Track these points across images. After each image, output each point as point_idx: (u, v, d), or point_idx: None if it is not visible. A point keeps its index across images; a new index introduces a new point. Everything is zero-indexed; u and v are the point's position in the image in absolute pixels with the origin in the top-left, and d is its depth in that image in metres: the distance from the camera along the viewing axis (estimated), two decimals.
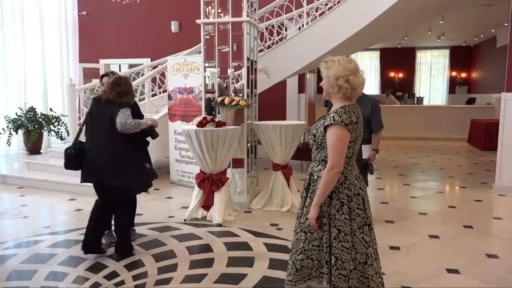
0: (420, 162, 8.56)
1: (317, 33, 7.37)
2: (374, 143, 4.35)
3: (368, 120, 4.27)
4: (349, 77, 2.17)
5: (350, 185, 2.22)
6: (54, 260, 3.61)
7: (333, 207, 2.20)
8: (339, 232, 2.18)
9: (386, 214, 4.91)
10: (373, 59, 17.58)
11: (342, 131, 2.14)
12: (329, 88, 2.23)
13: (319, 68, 2.40)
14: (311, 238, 2.24)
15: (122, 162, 3.50)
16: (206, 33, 5.38)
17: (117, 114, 3.46)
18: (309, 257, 2.25)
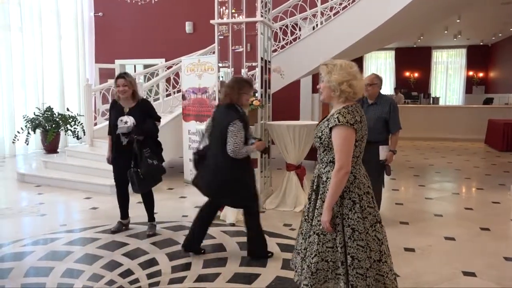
0: (436, 163, 8.44)
1: (331, 33, 7.33)
2: (392, 144, 4.31)
3: (385, 120, 4.24)
4: (352, 82, 2.20)
5: (360, 184, 2.24)
6: (70, 258, 3.67)
7: (345, 206, 2.21)
8: (353, 231, 2.19)
9: (401, 216, 4.85)
10: (388, 58, 17.41)
11: (347, 132, 2.16)
12: (331, 93, 2.25)
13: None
14: (325, 240, 2.24)
15: (230, 180, 3.36)
16: (220, 34, 5.40)
17: (228, 131, 3.23)
18: (324, 259, 2.24)
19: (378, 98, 4.29)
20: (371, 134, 4.20)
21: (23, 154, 9.32)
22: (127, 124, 3.98)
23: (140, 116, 4.02)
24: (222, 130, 3.27)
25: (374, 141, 4.23)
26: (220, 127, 3.30)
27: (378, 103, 4.27)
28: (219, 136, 3.29)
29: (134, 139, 3.96)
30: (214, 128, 3.42)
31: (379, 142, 4.24)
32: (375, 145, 4.24)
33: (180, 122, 6.66)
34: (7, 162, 8.46)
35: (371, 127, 4.20)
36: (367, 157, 4.22)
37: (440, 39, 15.36)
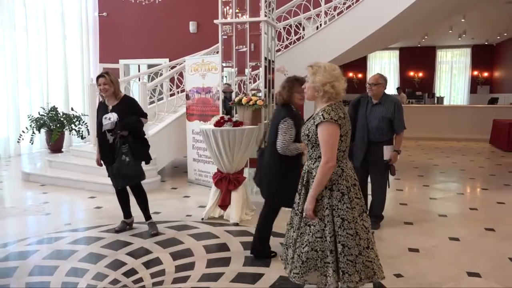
0: (440, 163, 8.41)
1: (335, 32, 7.32)
2: (396, 144, 4.28)
3: (390, 120, 4.22)
4: (334, 83, 2.36)
5: (347, 176, 2.38)
6: (74, 257, 3.68)
7: (335, 198, 2.35)
8: (343, 220, 2.33)
9: (405, 216, 4.84)
10: (393, 58, 17.37)
11: (332, 127, 2.31)
12: (314, 93, 2.41)
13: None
14: (314, 231, 2.37)
15: (276, 178, 3.37)
16: (224, 33, 5.40)
17: (279, 128, 3.28)
18: (313, 248, 2.37)
19: (382, 98, 4.27)
20: (375, 134, 4.23)
21: (28, 154, 9.37)
22: (110, 120, 4.01)
23: (123, 113, 4.03)
24: (275, 128, 3.36)
25: (379, 141, 4.22)
26: (274, 125, 3.39)
27: (383, 103, 4.25)
28: (273, 134, 3.37)
29: (118, 134, 3.98)
30: (270, 126, 3.51)
31: (383, 142, 4.22)
32: (379, 145, 4.22)
33: (184, 121, 6.67)
34: (12, 162, 8.51)
35: (375, 127, 4.21)
36: (372, 157, 4.26)
37: (444, 39, 15.30)
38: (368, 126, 4.23)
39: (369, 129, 4.23)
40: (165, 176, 6.95)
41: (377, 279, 2.42)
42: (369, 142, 4.24)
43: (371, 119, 4.21)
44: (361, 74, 17.38)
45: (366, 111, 4.27)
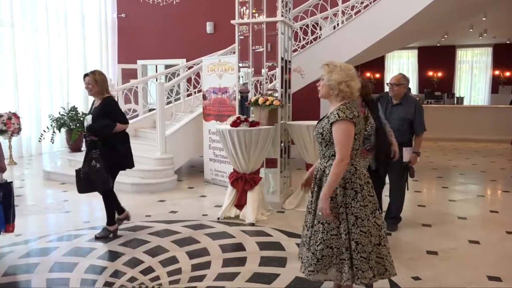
0: (460, 165, 8.25)
1: (353, 32, 7.26)
2: (416, 146, 4.22)
3: (410, 121, 4.16)
4: (349, 83, 2.38)
5: (361, 174, 2.41)
6: (93, 254, 3.75)
7: (348, 196, 2.38)
8: (356, 218, 2.37)
9: (423, 218, 4.77)
10: (411, 58, 17.10)
11: (347, 126, 2.32)
12: (329, 91, 2.42)
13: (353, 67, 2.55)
14: (329, 228, 2.39)
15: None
16: (241, 34, 5.42)
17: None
18: (328, 246, 2.40)
19: (403, 98, 4.22)
20: (395, 135, 4.16)
21: (49, 153, 9.58)
22: (85, 122, 3.99)
23: (98, 115, 3.94)
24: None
25: (398, 143, 4.15)
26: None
27: (403, 103, 4.19)
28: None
29: (88, 138, 3.95)
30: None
31: (402, 144, 4.14)
32: (399, 146, 4.16)
33: (201, 121, 6.71)
34: (33, 160, 8.70)
35: (395, 128, 4.14)
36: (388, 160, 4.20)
37: (465, 38, 15.00)
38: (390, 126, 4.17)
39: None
40: (181, 176, 7.01)
41: (389, 275, 2.44)
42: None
43: (392, 119, 4.15)
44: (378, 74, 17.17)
45: (386, 111, 4.21)
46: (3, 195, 3.45)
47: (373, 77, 17.11)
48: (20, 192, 5.93)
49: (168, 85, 7.10)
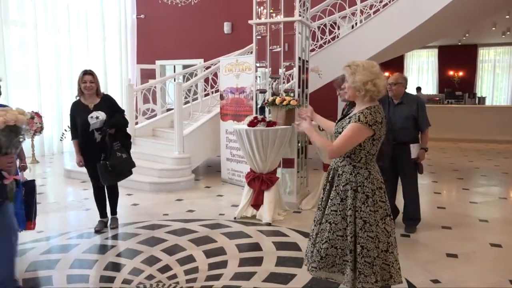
0: (481, 166, 8.07)
1: (371, 31, 7.18)
2: (423, 142, 4.25)
3: (415, 119, 4.20)
4: (375, 81, 2.32)
5: (374, 179, 2.38)
6: (112, 252, 3.81)
7: (359, 200, 2.35)
8: (365, 223, 2.34)
9: (443, 220, 4.68)
10: (431, 57, 16.82)
11: (362, 130, 2.30)
12: (355, 92, 2.37)
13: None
14: (336, 229, 2.39)
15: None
16: (258, 34, 5.41)
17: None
18: (333, 246, 2.40)
19: (404, 97, 4.26)
20: (401, 134, 4.16)
21: (70, 151, 9.75)
22: (99, 119, 4.03)
23: (107, 111, 4.10)
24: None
25: (405, 141, 4.17)
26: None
27: (405, 102, 4.23)
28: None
29: (107, 133, 4.03)
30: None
31: (409, 142, 4.20)
32: (406, 144, 4.17)
33: (218, 121, 6.75)
34: (55, 159, 8.90)
35: (400, 127, 4.15)
36: (399, 157, 4.18)
37: (487, 36, 14.66)
38: (393, 127, 4.18)
39: (394, 129, 4.18)
40: (199, 175, 7.06)
41: (394, 282, 2.39)
42: (395, 143, 4.19)
43: (396, 119, 4.19)
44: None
45: (389, 112, 4.23)
46: (25, 193, 3.52)
47: None
48: (42, 190, 6.07)
49: (186, 85, 7.16)
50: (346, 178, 2.39)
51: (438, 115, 11.76)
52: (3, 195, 2.48)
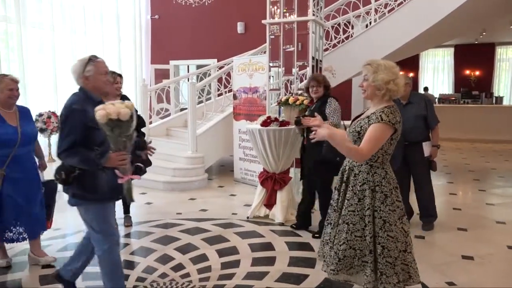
0: (499, 167, 7.92)
1: (386, 31, 7.11)
2: (434, 139, 4.26)
3: (424, 117, 4.20)
4: (397, 80, 2.33)
5: (390, 179, 2.38)
6: (126, 250, 3.85)
7: (378, 199, 2.34)
8: (384, 222, 2.32)
9: (459, 221, 4.61)
10: (447, 56, 16.56)
11: (386, 130, 2.29)
12: (375, 91, 2.35)
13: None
14: (354, 229, 2.36)
15: None
16: (272, 33, 5.42)
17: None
18: (351, 247, 2.37)
19: (411, 97, 4.26)
20: (413, 134, 4.15)
21: None
22: None
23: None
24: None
25: (417, 140, 4.17)
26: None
27: (413, 101, 4.24)
28: None
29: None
30: None
31: (421, 140, 4.22)
32: (418, 144, 4.17)
33: (231, 121, 6.76)
34: None
35: (411, 126, 4.12)
36: (412, 157, 4.15)
37: (505, 35, 14.37)
38: (403, 127, 4.14)
39: (405, 130, 4.14)
40: (212, 175, 7.09)
41: (413, 282, 2.38)
42: (406, 143, 4.18)
43: (405, 119, 4.12)
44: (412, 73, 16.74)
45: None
46: (44, 194, 3.56)
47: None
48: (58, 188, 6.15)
49: (200, 85, 7.19)
50: (363, 178, 2.36)
51: (454, 115, 11.59)
52: (119, 195, 2.54)
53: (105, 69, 2.66)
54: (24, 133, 3.26)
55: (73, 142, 2.38)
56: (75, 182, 2.44)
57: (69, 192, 2.51)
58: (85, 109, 2.43)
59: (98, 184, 2.45)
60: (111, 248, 2.59)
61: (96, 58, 2.62)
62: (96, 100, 2.56)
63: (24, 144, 3.27)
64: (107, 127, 2.25)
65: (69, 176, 2.42)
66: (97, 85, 2.60)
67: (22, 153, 3.27)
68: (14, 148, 3.19)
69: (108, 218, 2.62)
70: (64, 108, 2.50)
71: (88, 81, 2.59)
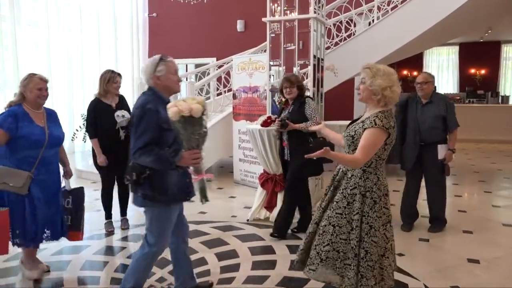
0: (505, 168, 7.91)
1: (389, 28, 7.11)
2: (450, 143, 4.21)
3: (443, 118, 4.16)
4: (394, 88, 2.38)
5: (381, 185, 2.43)
6: (123, 253, 3.85)
7: (367, 205, 2.39)
8: (370, 228, 2.40)
9: (464, 224, 4.61)
10: (451, 54, 16.56)
11: (380, 135, 2.33)
12: (371, 96, 2.40)
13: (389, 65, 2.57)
14: (339, 232, 2.43)
15: None
16: (272, 31, 5.41)
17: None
18: (335, 249, 2.44)
19: (432, 96, 4.24)
20: (429, 134, 4.13)
21: (81, 151, 9.90)
22: (124, 118, 4.22)
23: (127, 109, 4.35)
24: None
25: (433, 142, 4.14)
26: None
27: (434, 101, 4.22)
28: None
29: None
30: None
31: (437, 142, 4.18)
32: (433, 145, 4.13)
33: (231, 121, 6.76)
34: None
35: (429, 127, 4.13)
36: (426, 158, 4.14)
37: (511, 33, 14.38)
38: (421, 127, 4.20)
39: (422, 130, 4.19)
40: None
41: (384, 285, 2.46)
42: (422, 144, 4.18)
43: (424, 119, 4.19)
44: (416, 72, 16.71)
45: (417, 112, 4.24)
46: (72, 202, 3.49)
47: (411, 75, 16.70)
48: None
49: (198, 84, 7.19)
50: (355, 182, 2.41)
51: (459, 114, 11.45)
52: (188, 196, 2.61)
53: (175, 68, 2.69)
54: (51, 135, 3.21)
55: (148, 141, 2.40)
56: (146, 183, 2.46)
57: (139, 192, 2.53)
58: (158, 109, 2.46)
59: (168, 185, 2.50)
60: (155, 254, 2.66)
61: (166, 58, 2.63)
62: (166, 101, 2.59)
63: (51, 146, 3.22)
64: (180, 125, 2.29)
65: (140, 177, 2.45)
66: (168, 85, 2.61)
67: (48, 155, 3.21)
68: (42, 149, 3.14)
69: (169, 224, 2.65)
70: (137, 108, 2.51)
71: (160, 81, 2.58)
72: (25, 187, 3.08)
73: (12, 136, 3.04)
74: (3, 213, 3.00)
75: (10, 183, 3.02)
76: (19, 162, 3.09)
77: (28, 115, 3.16)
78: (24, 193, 3.08)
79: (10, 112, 3.11)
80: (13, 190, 3.05)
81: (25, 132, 3.07)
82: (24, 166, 3.10)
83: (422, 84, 4.19)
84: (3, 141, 3.03)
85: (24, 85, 3.19)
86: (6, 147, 3.07)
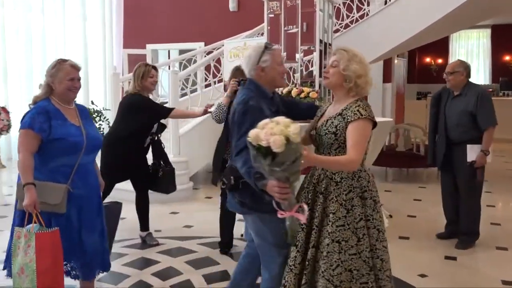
0: None
1: (408, 8, 7.15)
2: (484, 144, 4.18)
3: (472, 115, 4.16)
4: (368, 78, 2.43)
5: (373, 182, 2.48)
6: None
7: (369, 207, 2.40)
8: (379, 232, 2.41)
9: (498, 239, 4.64)
10: (482, 38, 16.67)
11: (368, 125, 2.38)
12: (342, 82, 2.42)
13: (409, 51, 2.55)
14: (347, 247, 2.35)
15: None
16: (271, 11, 5.43)
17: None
18: (347, 269, 2.35)
19: (465, 88, 4.26)
20: (455, 132, 4.17)
21: None
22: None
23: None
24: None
25: (460, 141, 4.16)
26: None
27: (464, 94, 4.24)
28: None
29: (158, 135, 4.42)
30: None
31: (466, 142, 4.19)
32: (460, 145, 4.16)
33: None
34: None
35: (455, 123, 4.16)
36: (454, 159, 4.18)
37: None
38: (447, 122, 4.23)
39: (448, 126, 4.23)
40: (198, 183, 7.08)
41: None
42: (448, 142, 4.24)
43: (450, 114, 4.26)
44: (441, 60, 16.83)
45: (446, 105, 4.30)
46: (106, 220, 3.13)
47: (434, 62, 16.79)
48: (9, 201, 6.12)
49: (183, 74, 7.20)
50: (348, 185, 2.39)
51: None
52: (279, 238, 2.39)
53: (281, 59, 2.71)
54: (89, 137, 2.90)
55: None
56: (244, 188, 2.45)
57: (236, 198, 2.55)
58: (261, 107, 2.44)
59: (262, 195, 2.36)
60: (282, 266, 2.50)
61: (271, 46, 2.62)
62: (268, 96, 2.58)
63: (90, 150, 2.91)
64: (254, 152, 2.12)
65: (238, 181, 2.45)
66: (274, 76, 2.59)
67: (85, 163, 2.90)
68: (79, 155, 2.83)
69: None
70: (238, 104, 2.50)
71: (264, 72, 2.55)
72: (63, 203, 2.76)
73: (44, 138, 2.75)
74: (54, 233, 2.68)
75: (50, 201, 2.73)
76: (52, 174, 2.79)
77: (59, 112, 2.88)
78: (62, 212, 2.77)
79: (39, 108, 2.85)
80: (52, 210, 2.75)
81: (60, 133, 2.78)
82: (58, 178, 2.80)
83: (448, 75, 4.23)
84: (35, 146, 2.75)
85: (52, 74, 2.90)
86: (36, 154, 2.78)
